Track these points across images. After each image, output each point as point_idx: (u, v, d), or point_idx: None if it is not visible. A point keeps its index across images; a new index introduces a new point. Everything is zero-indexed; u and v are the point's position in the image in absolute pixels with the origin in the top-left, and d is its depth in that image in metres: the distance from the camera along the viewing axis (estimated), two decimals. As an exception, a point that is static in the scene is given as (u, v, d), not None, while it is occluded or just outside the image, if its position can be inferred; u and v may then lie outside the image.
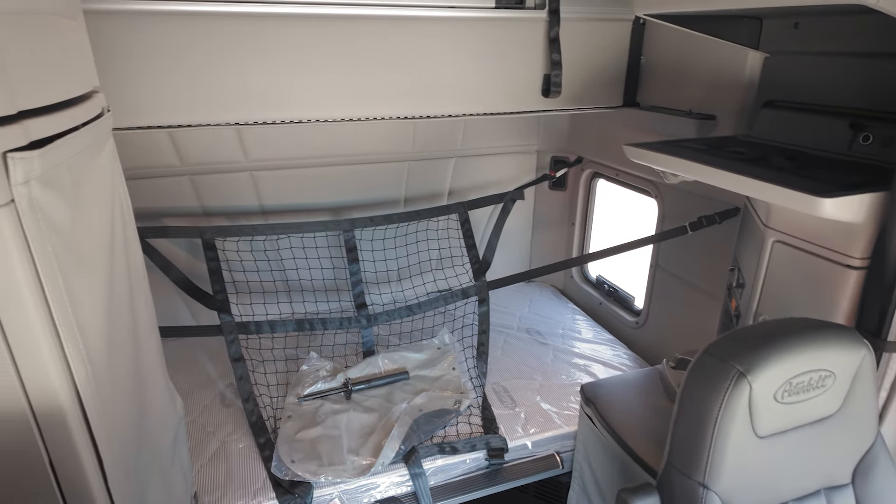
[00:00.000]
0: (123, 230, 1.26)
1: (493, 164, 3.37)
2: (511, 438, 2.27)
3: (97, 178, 1.10)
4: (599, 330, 3.12)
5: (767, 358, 1.11)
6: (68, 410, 0.85)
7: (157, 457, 1.35)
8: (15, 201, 0.75)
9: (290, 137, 2.84)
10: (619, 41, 2.50)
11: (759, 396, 1.11)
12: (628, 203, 3.15)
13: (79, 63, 1.07)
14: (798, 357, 1.13)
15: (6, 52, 0.77)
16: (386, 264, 2.97)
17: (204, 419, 2.36)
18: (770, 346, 1.13)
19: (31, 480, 0.86)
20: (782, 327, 1.19)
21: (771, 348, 1.13)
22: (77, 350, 0.87)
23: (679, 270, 2.60)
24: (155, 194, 2.77)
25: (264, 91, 2.04)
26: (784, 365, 1.12)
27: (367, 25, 2.08)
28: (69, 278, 0.88)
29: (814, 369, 1.15)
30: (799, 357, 1.13)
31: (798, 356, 1.13)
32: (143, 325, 1.35)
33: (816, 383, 1.17)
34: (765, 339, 1.15)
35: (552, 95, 2.41)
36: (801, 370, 1.14)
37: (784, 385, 1.14)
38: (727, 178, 1.59)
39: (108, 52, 1.76)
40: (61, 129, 0.90)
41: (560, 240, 3.56)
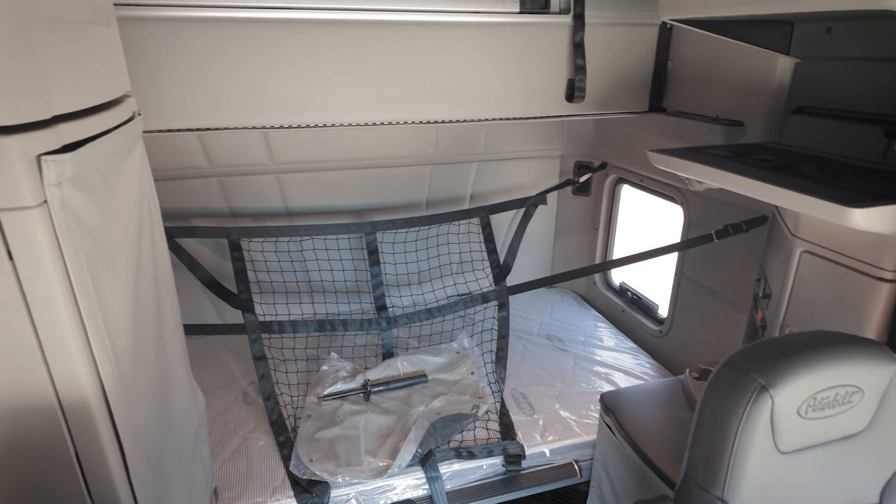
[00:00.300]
0: (151, 230, 1.30)
1: (516, 168, 3.37)
2: (529, 445, 2.26)
3: (127, 179, 1.13)
4: (622, 338, 3.08)
5: (791, 371, 1.08)
6: (94, 404, 0.88)
7: (178, 451, 1.38)
8: (48, 202, 0.78)
9: (316, 141, 2.88)
10: (644, 46, 2.47)
11: (781, 411, 1.09)
12: (653, 209, 3.11)
13: (111, 68, 1.11)
14: (823, 371, 1.10)
15: (43, 59, 0.80)
16: (406, 267, 2.98)
17: (226, 416, 2.40)
18: (794, 359, 1.10)
19: (57, 471, 0.89)
20: (808, 340, 1.15)
21: (795, 362, 1.10)
22: (103, 346, 0.90)
23: (704, 279, 2.55)
24: (184, 195, 2.84)
25: (289, 95, 2.07)
26: (808, 379, 1.09)
27: (392, 31, 2.10)
28: (97, 277, 0.91)
29: (840, 384, 1.11)
30: (824, 371, 1.10)
31: (823, 370, 1.10)
32: (169, 323, 1.39)
33: (843, 399, 1.13)
34: (788, 352, 1.12)
35: (576, 100, 2.40)
36: (827, 385, 1.11)
37: (808, 400, 1.11)
38: (753, 186, 1.56)
39: (138, 56, 1.82)
40: (93, 133, 0.93)
41: (583, 246, 3.53)
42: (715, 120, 2.26)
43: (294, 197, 3.00)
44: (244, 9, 1.89)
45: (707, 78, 2.34)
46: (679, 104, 2.52)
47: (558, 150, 3.41)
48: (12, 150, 0.73)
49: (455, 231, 3.02)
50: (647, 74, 2.53)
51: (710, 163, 1.74)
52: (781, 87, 2.01)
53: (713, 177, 1.71)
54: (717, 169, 1.69)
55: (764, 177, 1.56)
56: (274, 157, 2.86)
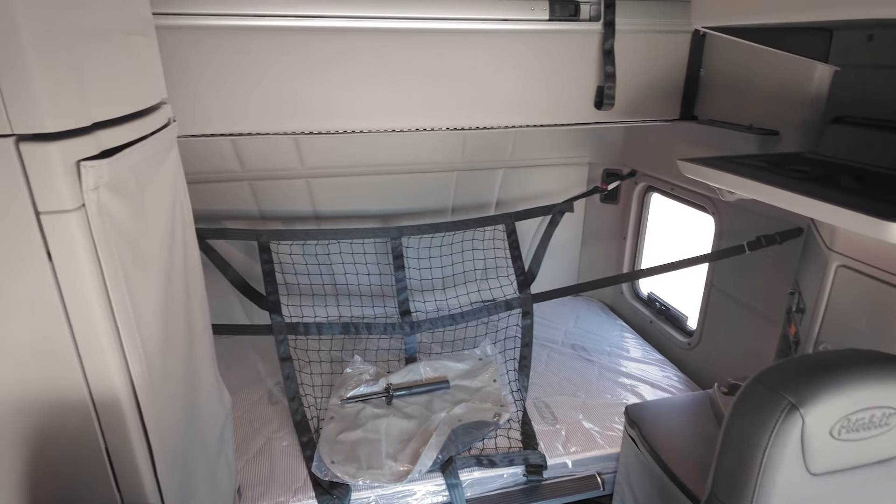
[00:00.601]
0: (183, 232, 1.34)
1: (543, 175, 3.35)
2: (550, 456, 2.23)
3: (161, 183, 1.17)
4: (649, 349, 3.02)
5: (823, 391, 1.05)
6: (124, 402, 0.91)
7: (204, 449, 1.41)
8: (86, 206, 0.81)
9: (345, 146, 2.92)
10: (676, 53, 2.43)
11: (812, 431, 1.05)
12: (684, 219, 3.05)
13: (149, 77, 1.15)
14: (858, 392, 1.06)
15: (85, 70, 0.84)
16: (431, 272, 2.99)
17: (251, 415, 2.45)
18: (827, 377, 1.06)
19: (89, 466, 0.92)
20: (842, 358, 1.11)
21: (828, 380, 1.06)
22: (134, 346, 0.93)
23: (736, 291, 2.49)
24: (217, 198, 2.91)
25: (318, 102, 2.11)
26: (842, 399, 1.05)
27: (421, 39, 2.12)
28: (130, 278, 0.94)
29: (876, 406, 1.07)
30: (859, 392, 1.06)
31: (858, 391, 1.06)
32: (198, 323, 1.42)
33: (879, 421, 1.09)
34: (821, 370, 1.08)
35: (605, 108, 2.37)
36: (862, 406, 1.07)
37: (842, 421, 1.07)
38: (788, 197, 1.52)
39: (172, 63, 1.87)
40: (130, 139, 0.97)
41: (610, 254, 3.48)
42: (749, 129, 2.21)
43: (322, 201, 3.05)
44: (275, 17, 1.93)
45: (741, 86, 2.29)
46: (711, 112, 2.47)
47: (586, 157, 3.37)
48: (55, 155, 0.76)
49: (480, 237, 3.02)
50: (679, 82, 2.49)
51: (742, 173, 1.70)
52: (819, 95, 1.95)
53: (746, 188, 1.67)
54: (751, 180, 1.65)
55: (799, 188, 1.51)
56: (304, 162, 2.91)
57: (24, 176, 0.75)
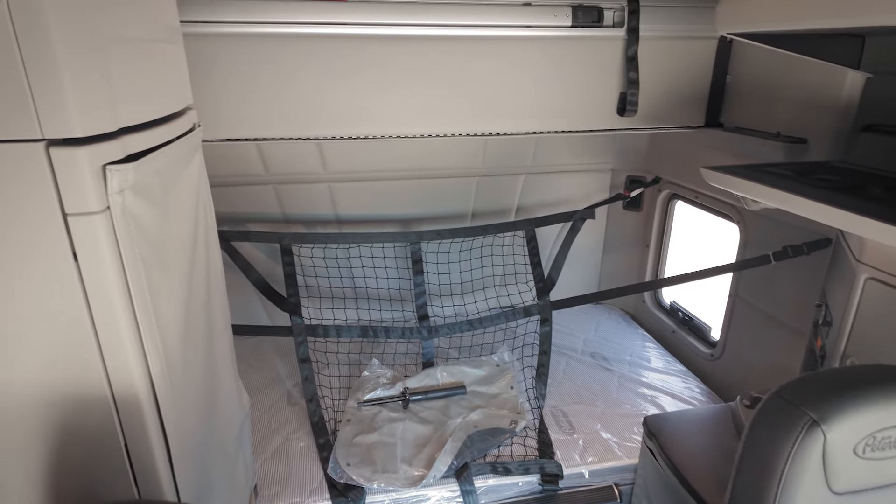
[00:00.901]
0: (206, 234, 1.37)
1: (565, 181, 3.33)
2: (567, 465, 2.21)
3: (185, 186, 1.20)
4: (670, 360, 2.97)
5: (847, 407, 1.02)
6: (143, 399, 0.94)
7: (223, 448, 1.44)
8: (110, 208, 0.84)
9: (367, 152, 2.95)
10: (702, 59, 2.40)
11: (835, 448, 1.02)
12: (709, 227, 3.00)
13: (175, 84, 1.19)
14: (885, 409, 1.03)
15: (113, 77, 0.87)
16: (449, 277, 3.00)
17: (270, 416, 2.48)
18: (851, 393, 1.03)
19: (108, 460, 0.95)
20: (868, 373, 1.08)
21: (852, 396, 1.03)
22: (154, 345, 0.95)
23: (761, 302, 2.43)
24: (242, 201, 2.97)
25: (341, 108, 2.14)
26: (867, 416, 1.02)
27: (444, 45, 2.13)
28: (152, 279, 0.97)
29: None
30: (886, 409, 1.03)
31: (884, 408, 1.03)
32: (218, 324, 1.45)
33: (907, 440, 1.05)
34: (845, 386, 1.05)
35: (628, 114, 2.35)
36: (888, 424, 1.03)
37: (867, 439, 1.03)
38: (812, 207, 1.48)
39: (199, 69, 1.93)
40: (155, 143, 1.00)
41: (632, 262, 3.44)
42: (776, 136, 2.16)
43: (344, 205, 3.08)
44: (298, 25, 1.97)
45: (768, 93, 2.25)
46: (738, 119, 2.42)
47: (609, 163, 3.34)
48: (83, 159, 0.79)
49: (499, 243, 3.02)
50: (704, 88, 2.45)
51: (767, 181, 1.67)
52: (850, 103, 1.90)
53: (770, 196, 1.64)
54: (775, 188, 1.62)
55: (826, 198, 1.47)
56: (327, 167, 2.95)
57: (52, 179, 0.78)
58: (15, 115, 0.74)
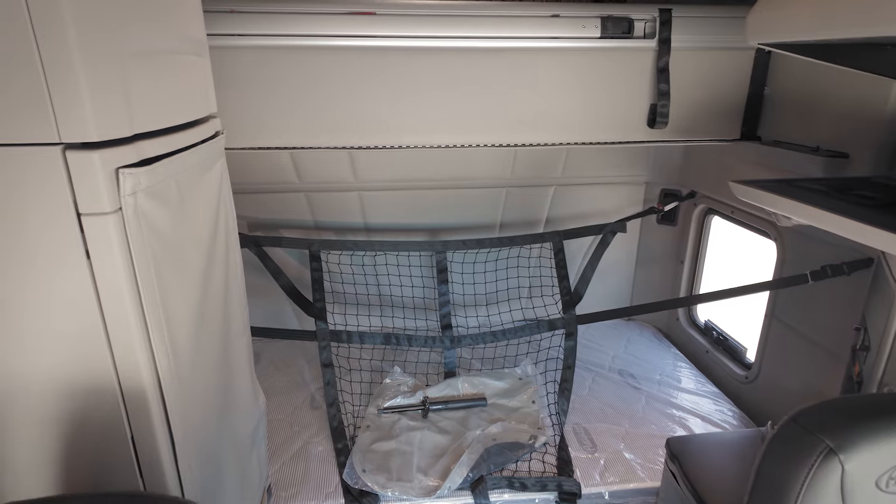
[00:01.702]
0: (226, 238, 1.41)
1: (596, 193, 3.28)
2: (586, 484, 2.15)
3: (204, 191, 1.25)
4: (703, 381, 2.86)
5: (868, 436, 0.95)
6: (149, 393, 0.97)
7: (236, 446, 1.47)
8: (122, 209, 0.89)
9: (397, 161, 2.99)
10: (738, 70, 2.33)
11: (855, 480, 0.96)
12: (747, 244, 2.88)
13: (198, 93, 1.24)
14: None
15: (131, 86, 0.92)
16: (474, 288, 2.99)
17: (293, 418, 2.52)
18: (874, 422, 0.97)
19: (115, 450, 0.99)
20: (893, 401, 1.01)
21: (874, 425, 0.96)
22: (163, 342, 0.99)
23: (799, 323, 2.32)
24: (276, 207, 3.06)
25: (372, 118, 2.19)
26: (890, 447, 0.95)
27: (472, 57, 2.15)
28: (164, 279, 1.01)
29: (932, 458, 0.96)
30: (913, 440, 0.96)
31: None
32: (236, 325, 1.50)
33: (938, 476, 0.98)
34: (867, 413, 0.98)
35: (658, 126, 2.30)
36: (915, 457, 0.96)
37: (891, 472, 0.96)
38: (844, 224, 1.41)
39: (231, 80, 2.02)
40: (171, 149, 1.05)
41: (666, 278, 3.34)
42: (815, 150, 2.07)
43: (373, 213, 3.13)
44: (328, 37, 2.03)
45: (809, 105, 2.16)
46: (777, 133, 2.33)
47: (643, 176, 3.27)
48: (96, 162, 0.84)
49: (525, 255, 2.99)
50: (740, 100, 2.38)
51: (799, 197, 1.60)
52: (895, 115, 1.80)
53: (802, 213, 1.57)
54: (807, 205, 1.54)
55: (861, 215, 1.40)
56: (357, 176, 3.01)
57: (68, 180, 0.83)
58: (34, 120, 0.79)
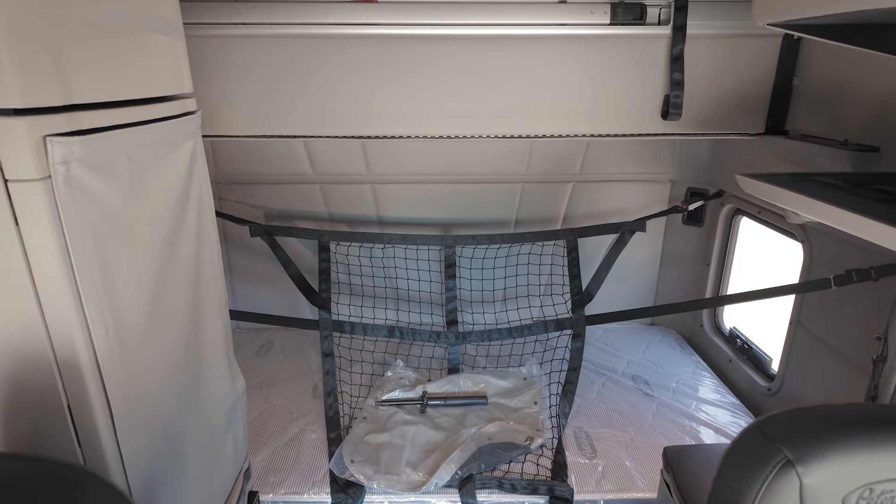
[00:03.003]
0: (199, 220, 1.43)
1: (618, 191, 3.15)
2: (580, 491, 2.06)
3: (168, 169, 1.26)
4: (723, 391, 2.69)
5: (833, 449, 0.85)
6: (84, 362, 0.99)
7: (205, 426, 1.49)
8: (52, 177, 0.90)
9: (409, 154, 2.97)
10: (762, 59, 2.17)
11: (817, 496, 0.85)
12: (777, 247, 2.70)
13: (161, 71, 1.26)
14: (885, 456, 0.84)
15: (66, 57, 0.93)
16: (482, 284, 2.93)
17: (293, 405, 2.55)
18: (842, 434, 0.86)
19: (53, 417, 1.01)
20: (872, 414, 0.90)
21: (843, 438, 0.86)
22: (99, 314, 1.00)
23: (825, 332, 2.14)
24: (292, 198, 3.11)
25: (380, 108, 2.18)
26: (859, 463, 0.84)
27: (474, 45, 2.11)
28: (106, 251, 1.03)
29: (911, 479, 0.84)
30: (886, 456, 0.84)
31: (885, 455, 0.84)
32: (210, 307, 1.51)
33: (921, 500, 0.86)
34: (837, 425, 0.88)
35: (671, 118, 2.18)
36: (890, 476, 0.85)
37: (861, 491, 0.85)
38: (855, 221, 1.28)
39: (230, 69, 2.07)
40: (119, 122, 1.06)
41: (691, 281, 3.17)
42: (844, 144, 1.90)
43: (386, 207, 3.12)
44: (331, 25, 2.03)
45: (839, 96, 1.99)
46: (806, 126, 2.17)
47: (668, 174, 3.12)
48: (20, 129, 0.85)
49: (537, 252, 2.90)
50: (765, 92, 2.22)
51: (809, 192, 1.47)
52: (929, 105, 1.63)
53: (809, 208, 1.44)
54: (815, 199, 1.41)
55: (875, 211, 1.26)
56: (370, 169, 3.01)
57: (-7, 146, 0.85)
58: (-41, 86, 0.81)
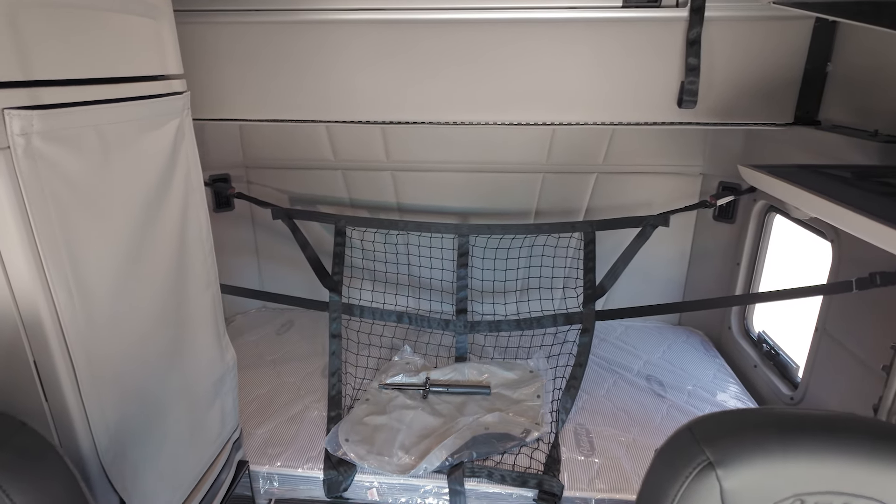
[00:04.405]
0: (185, 197, 1.49)
1: (645, 183, 3.02)
2: (571, 487, 2.01)
3: (150, 146, 1.33)
4: (744, 398, 2.54)
5: (753, 454, 0.79)
6: (46, 322, 1.06)
7: (187, 393, 1.56)
8: (10, 148, 0.97)
9: (428, 142, 2.98)
10: (791, 44, 2.02)
11: (740, 502, 0.79)
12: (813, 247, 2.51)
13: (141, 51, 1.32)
14: (820, 467, 0.77)
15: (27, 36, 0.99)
16: (494, 274, 2.90)
17: (301, 383, 2.63)
18: (774, 439, 0.80)
19: (21, 373, 1.09)
20: (811, 420, 0.82)
21: (772, 443, 0.79)
22: (62, 278, 1.07)
23: (852, 341, 1.98)
24: (315, 184, 3.19)
25: (393, 93, 2.21)
26: (789, 472, 0.78)
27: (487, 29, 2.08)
28: (72, 220, 1.09)
29: (847, 492, 0.77)
30: (822, 467, 0.77)
31: (821, 465, 0.77)
32: (196, 281, 1.58)
33: (862, 516, 0.78)
34: (771, 429, 0.81)
35: (685, 105, 2.07)
36: (826, 489, 0.78)
37: (791, 500, 0.79)
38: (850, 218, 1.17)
39: (245, 55, 2.14)
40: (87, 99, 1.12)
41: (720, 280, 3.01)
42: (874, 135, 1.75)
43: (406, 194, 3.14)
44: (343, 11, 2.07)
45: (873, 83, 1.82)
46: (839, 116, 2.00)
47: (699, 167, 2.97)
48: (-24, 102, 0.92)
49: (553, 244, 2.84)
50: (794, 79, 2.07)
51: (809, 184, 1.36)
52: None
53: (809, 203, 1.33)
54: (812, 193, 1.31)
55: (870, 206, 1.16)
56: (390, 156, 3.03)
57: (-45, 117, 0.92)
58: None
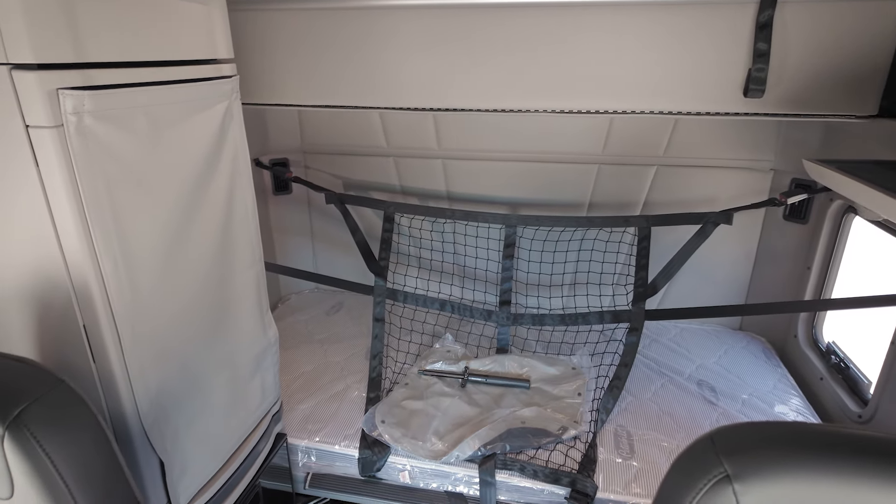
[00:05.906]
0: (231, 178, 1.56)
1: (709, 178, 2.86)
2: (605, 489, 1.95)
3: (196, 128, 1.39)
4: (806, 412, 2.36)
5: (783, 474, 0.72)
6: (93, 288, 1.14)
7: (229, 365, 1.64)
8: (64, 125, 1.04)
9: (479, 131, 2.95)
10: (876, 28, 1.83)
11: (758, 521, 0.73)
12: (895, 254, 2.30)
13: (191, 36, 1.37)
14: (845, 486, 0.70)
15: (81, 20, 1.06)
16: (541, 267, 2.84)
17: (345, 363, 2.70)
18: (800, 458, 0.73)
19: (73, 334, 1.18)
20: (847, 442, 0.74)
21: (799, 462, 0.72)
22: (108, 247, 1.15)
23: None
24: (368, 170, 3.24)
25: (446, 80, 2.20)
26: (811, 489, 0.71)
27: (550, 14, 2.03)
28: (121, 195, 1.17)
29: (881, 521, 0.69)
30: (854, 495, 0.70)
31: (845, 485, 0.70)
32: (241, 260, 1.65)
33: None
34: (799, 447, 0.74)
35: (751, 95, 1.93)
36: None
37: (815, 523, 0.72)
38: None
39: (308, 42, 2.21)
40: (137, 81, 1.19)
41: (788, 285, 2.80)
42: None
43: (456, 182, 3.13)
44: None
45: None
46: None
47: (770, 162, 2.77)
48: (33, 83, 0.99)
49: (604, 238, 2.74)
50: (881, 66, 1.87)
51: (884, 183, 1.23)
52: None
53: (874, 202, 1.20)
54: (885, 193, 1.18)
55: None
56: (441, 144, 3.03)
57: (15, 97, 1.00)
58: (-11, 44, 0.97)
